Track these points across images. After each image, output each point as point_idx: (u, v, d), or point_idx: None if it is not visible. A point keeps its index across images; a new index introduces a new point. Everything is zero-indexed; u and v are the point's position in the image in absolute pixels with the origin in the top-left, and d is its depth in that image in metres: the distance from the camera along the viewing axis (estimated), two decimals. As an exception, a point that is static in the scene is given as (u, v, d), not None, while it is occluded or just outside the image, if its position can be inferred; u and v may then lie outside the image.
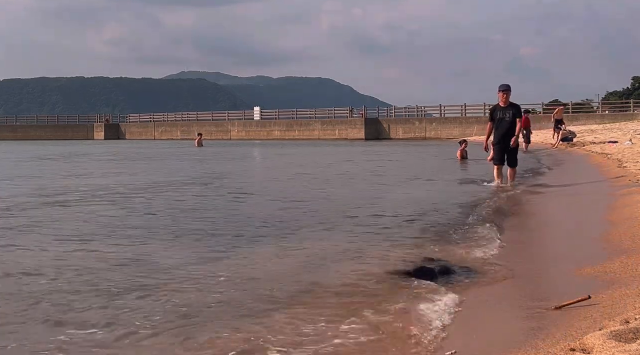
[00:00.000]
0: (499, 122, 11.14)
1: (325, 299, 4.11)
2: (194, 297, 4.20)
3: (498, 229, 6.70)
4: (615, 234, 5.71)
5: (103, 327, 3.60)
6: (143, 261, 5.33)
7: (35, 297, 4.22)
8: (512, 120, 11.01)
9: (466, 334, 3.43)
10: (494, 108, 11.36)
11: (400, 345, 3.29)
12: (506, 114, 11.03)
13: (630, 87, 78.11)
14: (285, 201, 9.70)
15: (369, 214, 8.13)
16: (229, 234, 6.72)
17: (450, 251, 5.57)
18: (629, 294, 3.60)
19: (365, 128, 56.40)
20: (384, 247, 5.81)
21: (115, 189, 11.82)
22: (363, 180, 13.79)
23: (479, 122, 52.67)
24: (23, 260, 5.38)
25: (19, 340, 3.43)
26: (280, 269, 5.04)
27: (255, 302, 4.07)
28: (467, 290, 4.29)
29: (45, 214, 8.43)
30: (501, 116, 11.10)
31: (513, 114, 11.04)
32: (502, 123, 11.08)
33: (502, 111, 11.09)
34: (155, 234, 6.74)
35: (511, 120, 10.99)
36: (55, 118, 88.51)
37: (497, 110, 11.22)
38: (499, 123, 11.13)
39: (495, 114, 11.23)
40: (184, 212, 8.57)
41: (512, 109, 11.12)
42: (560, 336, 2.99)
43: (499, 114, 11.14)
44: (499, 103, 11.22)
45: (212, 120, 70.99)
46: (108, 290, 4.39)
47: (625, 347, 2.55)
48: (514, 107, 11.23)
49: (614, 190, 9.22)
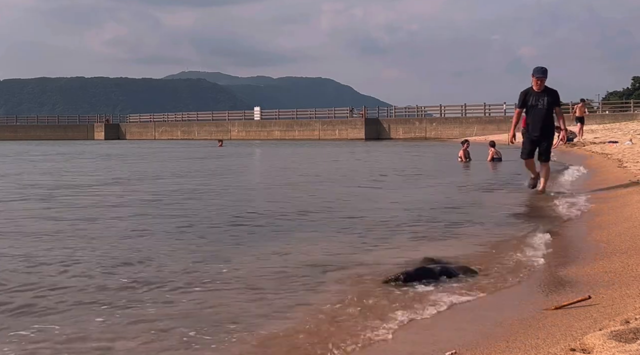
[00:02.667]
0: (530, 109, 9.57)
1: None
2: (195, 297, 4.21)
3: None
4: (615, 233, 5.70)
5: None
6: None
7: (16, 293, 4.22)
8: (548, 108, 9.49)
9: (466, 333, 3.43)
10: (526, 92, 9.62)
11: (400, 345, 3.29)
12: (540, 100, 9.48)
13: (630, 87, 78.07)
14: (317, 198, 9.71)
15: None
16: (227, 232, 6.72)
17: (450, 251, 5.57)
18: (629, 294, 3.59)
19: (365, 128, 56.41)
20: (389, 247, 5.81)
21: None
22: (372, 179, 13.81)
23: (479, 122, 52.73)
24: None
25: (21, 335, 3.43)
26: (280, 268, 5.04)
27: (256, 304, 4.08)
28: (467, 290, 4.29)
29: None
30: (533, 102, 9.51)
31: (548, 101, 9.48)
32: (535, 110, 9.53)
33: (536, 96, 9.50)
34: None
35: (546, 108, 9.47)
36: (55, 118, 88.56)
37: (529, 95, 9.56)
38: (531, 110, 9.57)
39: (527, 98, 9.57)
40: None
41: (548, 94, 9.51)
42: (560, 336, 2.98)
43: (531, 99, 9.53)
44: (532, 86, 9.58)
45: (212, 120, 71.01)
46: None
47: (625, 347, 2.55)
48: (550, 93, 9.57)
49: (614, 190, 9.21)
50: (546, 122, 9.54)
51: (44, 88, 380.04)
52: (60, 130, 75.71)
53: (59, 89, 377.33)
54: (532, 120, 9.55)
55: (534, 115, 9.54)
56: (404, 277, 4.49)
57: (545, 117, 9.52)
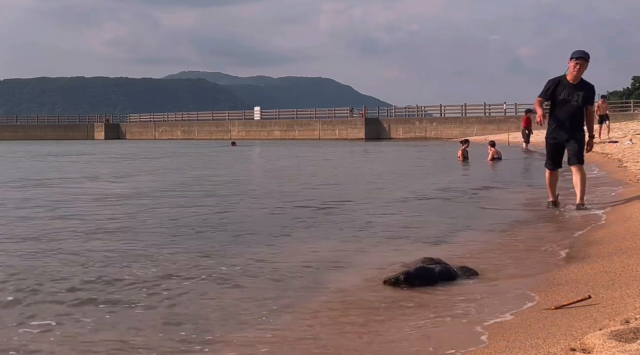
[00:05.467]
0: (560, 104, 7.60)
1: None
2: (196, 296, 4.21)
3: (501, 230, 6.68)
4: (615, 233, 5.71)
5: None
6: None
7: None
8: (581, 107, 7.55)
9: (466, 333, 3.43)
10: (557, 81, 7.62)
11: (401, 345, 3.29)
12: (575, 94, 7.51)
13: (630, 87, 77.97)
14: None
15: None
16: (226, 232, 6.72)
17: (450, 251, 5.57)
18: (629, 293, 3.59)
19: (365, 128, 56.40)
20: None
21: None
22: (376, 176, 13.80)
23: (479, 122, 52.73)
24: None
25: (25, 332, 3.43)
26: (281, 268, 5.04)
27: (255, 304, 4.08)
28: (467, 290, 4.29)
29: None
30: (566, 96, 7.53)
31: (583, 97, 7.54)
32: (567, 107, 7.55)
33: (569, 89, 7.52)
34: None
35: (579, 106, 7.53)
36: (55, 118, 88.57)
37: (561, 86, 7.58)
38: (560, 106, 7.60)
39: (558, 90, 7.58)
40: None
41: (584, 89, 7.58)
42: (560, 336, 2.98)
43: (563, 92, 7.54)
44: (566, 75, 7.59)
45: (212, 120, 70.99)
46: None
47: (625, 347, 2.55)
48: (587, 87, 7.65)
49: (614, 190, 9.21)
50: (576, 122, 7.63)
51: (44, 88, 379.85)
52: (60, 130, 75.68)
53: (59, 89, 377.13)
54: (560, 119, 7.63)
55: (563, 112, 7.58)
56: (404, 277, 4.48)
57: (577, 117, 7.60)
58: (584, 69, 7.50)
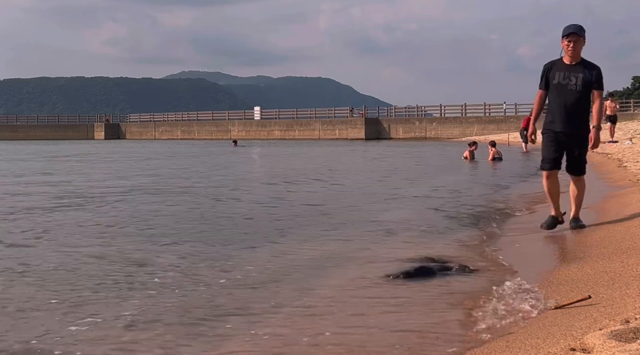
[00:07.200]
0: (555, 89, 6.08)
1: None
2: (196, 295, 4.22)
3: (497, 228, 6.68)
4: (615, 233, 5.70)
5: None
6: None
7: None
8: (583, 91, 5.99)
9: (466, 333, 3.43)
10: (551, 65, 6.14)
11: (402, 345, 3.30)
12: (572, 76, 6.00)
13: (630, 87, 78.01)
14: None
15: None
16: (231, 232, 6.73)
17: (450, 251, 5.57)
18: (629, 293, 3.59)
19: (365, 128, 56.39)
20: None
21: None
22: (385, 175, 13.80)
23: (479, 121, 52.73)
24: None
25: (28, 330, 3.44)
26: (280, 269, 5.04)
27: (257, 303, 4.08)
28: (466, 290, 4.29)
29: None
30: (561, 80, 6.03)
31: (584, 79, 5.97)
32: (563, 93, 6.03)
33: (565, 71, 6.02)
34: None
35: (580, 90, 5.99)
36: (55, 118, 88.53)
37: (554, 69, 6.10)
38: (557, 92, 6.07)
39: (551, 74, 6.11)
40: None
41: (584, 69, 6.00)
42: (560, 336, 2.98)
43: (558, 75, 6.05)
44: (561, 57, 6.10)
45: (212, 120, 70.97)
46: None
47: (625, 347, 2.55)
48: (589, 67, 6.04)
49: (614, 190, 9.21)
50: (578, 111, 6.04)
51: (44, 88, 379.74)
52: (61, 130, 75.66)
53: (59, 89, 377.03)
54: (557, 107, 6.07)
55: (560, 99, 6.04)
56: (404, 276, 4.49)
57: (576, 105, 6.01)
58: (580, 45, 5.98)
